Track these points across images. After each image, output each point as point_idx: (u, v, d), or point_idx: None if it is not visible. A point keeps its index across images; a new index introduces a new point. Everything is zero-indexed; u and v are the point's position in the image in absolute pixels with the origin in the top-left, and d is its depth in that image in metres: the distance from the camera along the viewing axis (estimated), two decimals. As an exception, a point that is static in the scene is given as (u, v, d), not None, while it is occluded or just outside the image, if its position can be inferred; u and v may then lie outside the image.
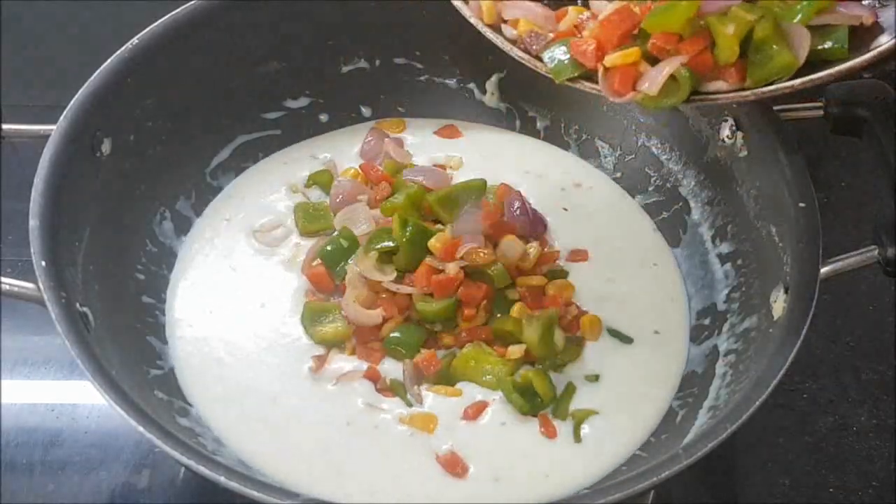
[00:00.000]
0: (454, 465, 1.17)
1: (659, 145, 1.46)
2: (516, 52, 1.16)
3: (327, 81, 1.52)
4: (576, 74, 1.12)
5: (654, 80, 1.07)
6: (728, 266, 1.34)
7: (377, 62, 1.53)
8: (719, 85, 1.08)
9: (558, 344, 1.26)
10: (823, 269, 1.15)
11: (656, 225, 1.45)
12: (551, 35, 1.15)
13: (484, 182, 1.38)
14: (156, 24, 1.35)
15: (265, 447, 1.19)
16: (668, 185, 1.45)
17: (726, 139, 1.34)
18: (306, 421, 1.21)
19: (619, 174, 1.50)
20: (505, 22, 1.18)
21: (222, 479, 0.99)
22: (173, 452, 1.02)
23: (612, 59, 1.08)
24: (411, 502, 1.15)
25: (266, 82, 1.48)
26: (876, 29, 1.05)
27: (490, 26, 1.18)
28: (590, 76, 1.12)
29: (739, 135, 1.32)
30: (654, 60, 1.08)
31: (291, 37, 1.47)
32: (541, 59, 1.15)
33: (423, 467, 1.18)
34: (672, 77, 1.07)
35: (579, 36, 1.13)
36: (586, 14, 1.16)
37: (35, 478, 1.32)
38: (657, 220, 1.45)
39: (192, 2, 1.38)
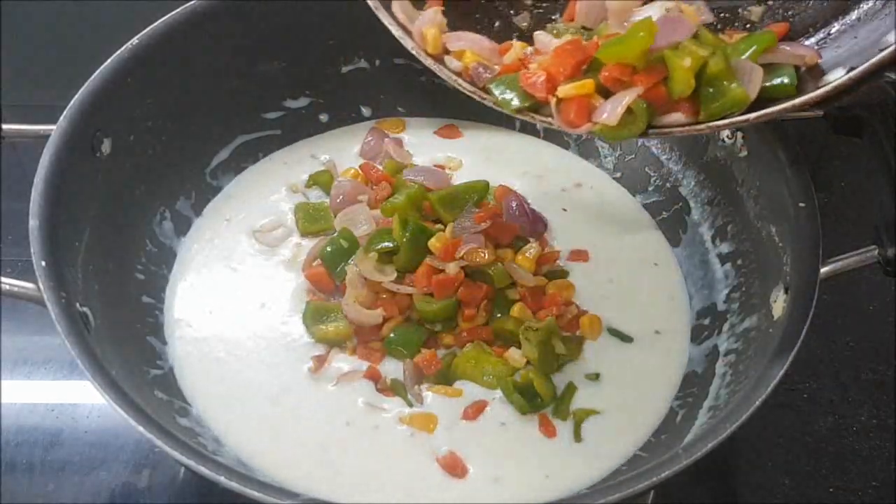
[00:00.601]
0: (454, 467, 1.17)
1: (659, 145, 1.46)
2: (461, 84, 1.16)
3: (327, 81, 1.52)
4: (525, 105, 1.12)
5: (612, 111, 1.06)
6: (728, 266, 1.34)
7: (377, 62, 1.53)
8: (675, 118, 1.08)
9: (558, 351, 1.25)
10: (823, 269, 1.15)
11: (656, 225, 1.45)
12: (497, 68, 1.15)
13: (486, 183, 1.38)
14: (156, 24, 1.35)
15: (265, 447, 1.19)
16: (668, 185, 1.45)
17: (726, 139, 1.34)
18: (306, 421, 1.21)
19: (619, 174, 1.50)
20: (448, 53, 1.18)
21: (222, 479, 0.99)
22: (173, 452, 1.01)
23: (566, 90, 1.08)
24: (411, 502, 1.15)
25: (266, 82, 1.48)
26: (818, 69, 1.07)
27: (434, 57, 1.18)
28: (538, 108, 1.12)
29: (739, 135, 1.32)
30: (605, 94, 1.08)
31: (291, 37, 1.47)
32: (488, 92, 1.14)
33: (423, 467, 1.17)
34: (628, 109, 1.06)
35: (525, 69, 1.13)
36: (530, 49, 1.17)
37: (35, 478, 1.32)
38: (657, 220, 1.45)
39: (192, 2, 1.38)
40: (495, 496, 1.16)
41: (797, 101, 1.04)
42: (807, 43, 1.12)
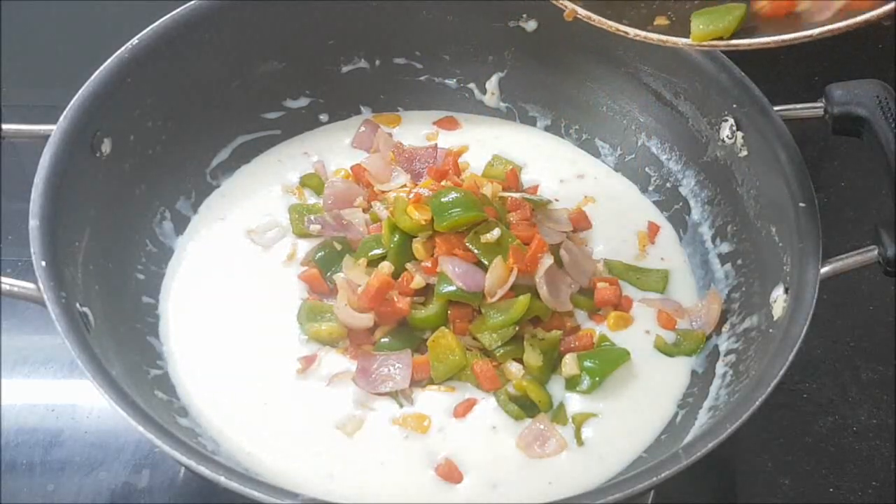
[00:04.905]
0: (450, 472, 1.16)
1: (659, 145, 1.46)
2: None
3: (327, 81, 1.52)
4: None
5: None
6: (728, 266, 1.34)
7: (377, 62, 1.53)
8: None
9: (570, 370, 1.24)
10: (823, 269, 1.15)
11: (663, 218, 1.45)
12: None
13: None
14: (156, 24, 1.35)
15: (258, 449, 1.18)
16: (668, 185, 1.45)
17: (726, 139, 1.34)
18: (298, 422, 1.20)
19: (619, 174, 1.50)
20: None
21: (222, 479, 0.99)
22: (173, 452, 1.01)
23: None
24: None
25: (266, 82, 1.48)
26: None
27: None
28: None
29: (739, 135, 1.32)
30: None
31: (291, 37, 1.46)
32: None
33: (417, 470, 1.17)
34: None
35: None
36: None
37: (35, 478, 1.32)
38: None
39: (192, 2, 1.38)
40: (495, 499, 1.15)
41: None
42: None
